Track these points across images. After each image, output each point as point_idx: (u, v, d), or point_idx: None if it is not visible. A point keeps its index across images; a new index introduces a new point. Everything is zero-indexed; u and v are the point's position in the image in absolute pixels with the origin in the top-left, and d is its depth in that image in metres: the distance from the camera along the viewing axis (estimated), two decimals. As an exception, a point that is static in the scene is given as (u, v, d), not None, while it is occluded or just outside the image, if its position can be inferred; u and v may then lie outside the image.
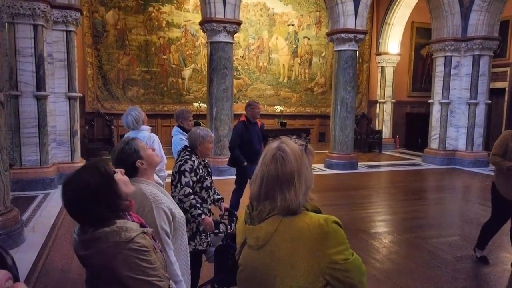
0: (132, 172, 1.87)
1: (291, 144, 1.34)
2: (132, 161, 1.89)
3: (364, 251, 4.37)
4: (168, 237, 1.86)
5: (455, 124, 10.21)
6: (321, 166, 9.90)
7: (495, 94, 11.62)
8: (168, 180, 3.07)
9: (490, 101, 10.16)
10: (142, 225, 1.46)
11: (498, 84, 11.92)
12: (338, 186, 7.91)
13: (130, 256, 1.26)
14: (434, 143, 10.59)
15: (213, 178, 3.06)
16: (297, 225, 1.26)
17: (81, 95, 8.22)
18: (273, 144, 1.36)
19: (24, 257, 3.95)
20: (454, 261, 4.08)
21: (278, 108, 11.84)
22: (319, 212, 1.35)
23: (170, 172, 2.94)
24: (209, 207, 2.89)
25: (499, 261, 4.12)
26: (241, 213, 1.45)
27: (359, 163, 10.03)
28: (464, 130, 10.11)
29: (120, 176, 1.46)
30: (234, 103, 9.50)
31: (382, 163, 11.01)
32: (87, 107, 10.13)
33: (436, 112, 10.44)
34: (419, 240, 4.76)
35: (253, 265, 1.33)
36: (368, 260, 4.12)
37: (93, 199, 1.33)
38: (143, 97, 10.69)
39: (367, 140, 12.93)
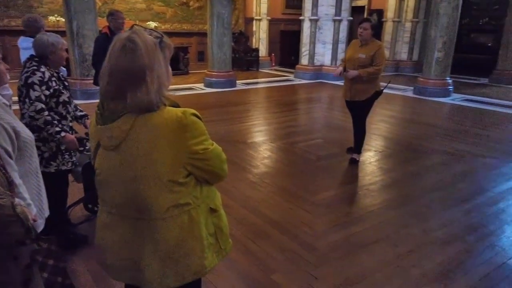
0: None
1: (144, 35, 1.22)
2: None
3: (241, 159, 4.65)
4: (10, 157, 1.64)
5: (323, 40, 10.95)
6: (200, 85, 9.84)
7: (356, 11, 12.62)
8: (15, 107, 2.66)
9: (351, 18, 11.02)
10: None
11: (360, 2, 12.94)
12: (217, 103, 8.02)
13: None
14: (304, 59, 11.29)
15: (82, 102, 2.77)
16: (154, 120, 1.21)
17: None
18: (123, 34, 1.23)
19: None
20: (316, 160, 4.64)
21: (152, 24, 10.96)
22: (177, 106, 1.32)
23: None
24: (70, 124, 2.63)
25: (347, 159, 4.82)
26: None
27: (237, 81, 10.22)
28: (330, 46, 10.94)
29: None
30: (100, 18, 8.46)
31: (259, 80, 11.41)
32: None
33: (306, 29, 10.97)
34: (289, 145, 5.24)
35: (111, 166, 1.27)
36: (245, 166, 4.42)
37: None
38: (-20, 9, 8.74)
39: (245, 59, 13.09)
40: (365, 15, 13.16)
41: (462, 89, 9.98)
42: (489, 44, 12.69)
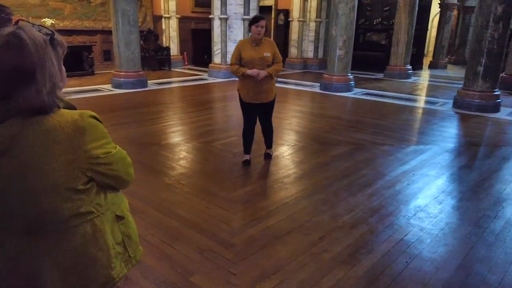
0: None
1: (32, 31, 1.11)
2: None
3: (155, 161, 4.51)
4: None
5: (234, 39, 11.04)
6: (108, 86, 9.32)
7: (264, 11, 13.00)
8: None
9: (260, 17, 11.31)
10: None
11: (267, 2, 13.35)
12: (127, 105, 7.65)
13: None
14: (217, 58, 11.31)
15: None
16: (46, 123, 1.11)
17: None
18: (5, 29, 1.10)
19: None
20: (232, 157, 4.69)
21: (48, 21, 10.05)
22: (73, 109, 1.23)
23: None
24: None
25: (261, 154, 4.96)
26: None
27: (149, 81, 9.89)
28: (241, 45, 11.09)
29: None
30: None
31: (172, 79, 11.15)
32: None
33: (216, 28, 10.99)
34: (204, 144, 5.21)
35: None
36: (160, 169, 4.29)
37: None
38: None
39: (156, 58, 12.68)
40: (273, 15, 13.62)
41: (362, 84, 10.90)
42: (383, 42, 14.02)
